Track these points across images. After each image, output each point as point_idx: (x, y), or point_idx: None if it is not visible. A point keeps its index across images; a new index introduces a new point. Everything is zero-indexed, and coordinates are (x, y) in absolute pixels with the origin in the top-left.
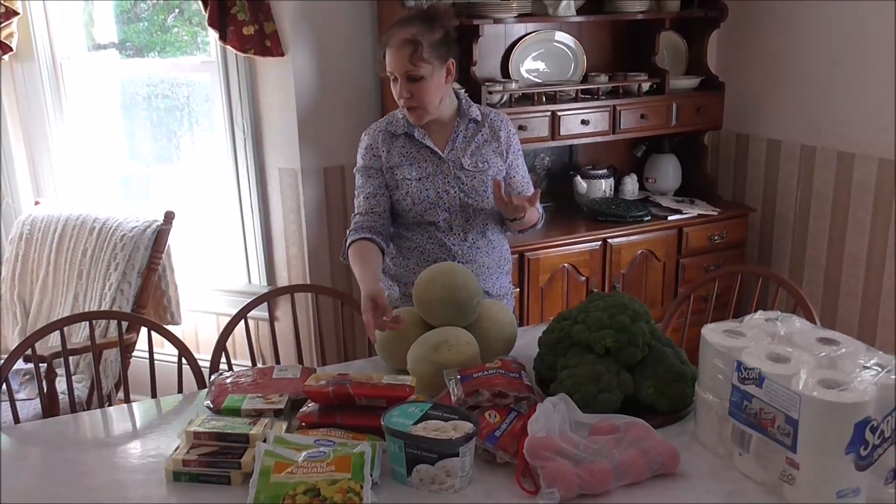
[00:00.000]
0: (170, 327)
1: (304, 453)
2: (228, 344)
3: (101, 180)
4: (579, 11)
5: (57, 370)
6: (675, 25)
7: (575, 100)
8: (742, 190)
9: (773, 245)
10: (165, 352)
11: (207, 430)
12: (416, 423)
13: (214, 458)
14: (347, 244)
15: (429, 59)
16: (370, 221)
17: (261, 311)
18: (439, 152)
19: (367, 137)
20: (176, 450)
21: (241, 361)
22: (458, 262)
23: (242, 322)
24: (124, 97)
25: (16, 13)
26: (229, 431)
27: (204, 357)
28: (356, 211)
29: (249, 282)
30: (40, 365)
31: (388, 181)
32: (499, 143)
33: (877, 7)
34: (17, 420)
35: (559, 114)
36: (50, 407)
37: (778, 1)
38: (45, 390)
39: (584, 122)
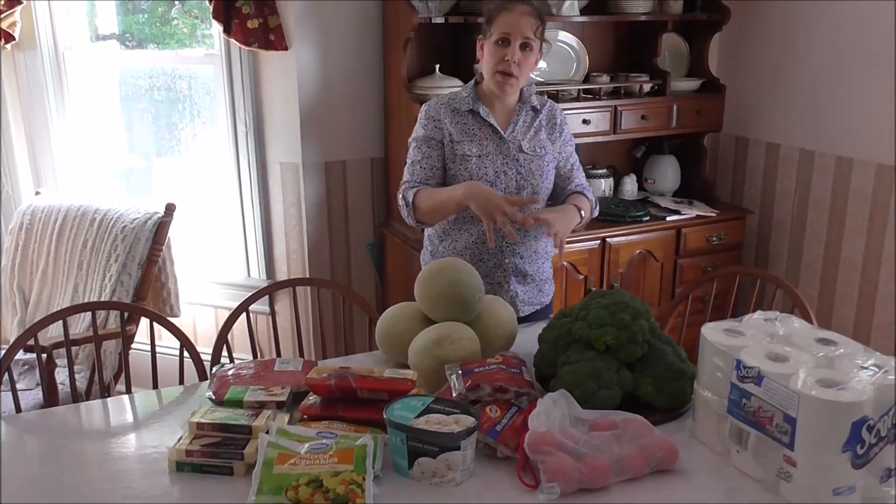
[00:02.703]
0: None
1: (306, 445)
2: (227, 337)
3: (102, 172)
4: (582, 11)
5: (56, 360)
6: (678, 27)
7: (576, 99)
8: (740, 193)
9: (769, 248)
10: (164, 344)
11: (210, 421)
12: (418, 416)
13: (217, 449)
14: (412, 198)
15: (541, 37)
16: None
17: (260, 305)
18: (501, 132)
19: (428, 109)
20: (179, 440)
21: (241, 355)
22: (508, 243)
23: (242, 316)
24: (126, 89)
25: (19, 2)
26: (232, 423)
27: (202, 349)
28: (409, 179)
29: (249, 275)
30: (41, 355)
31: (447, 154)
32: (552, 131)
33: (878, 13)
34: (18, 409)
35: None
36: (49, 398)
37: (779, 5)
38: (45, 380)
39: (585, 121)
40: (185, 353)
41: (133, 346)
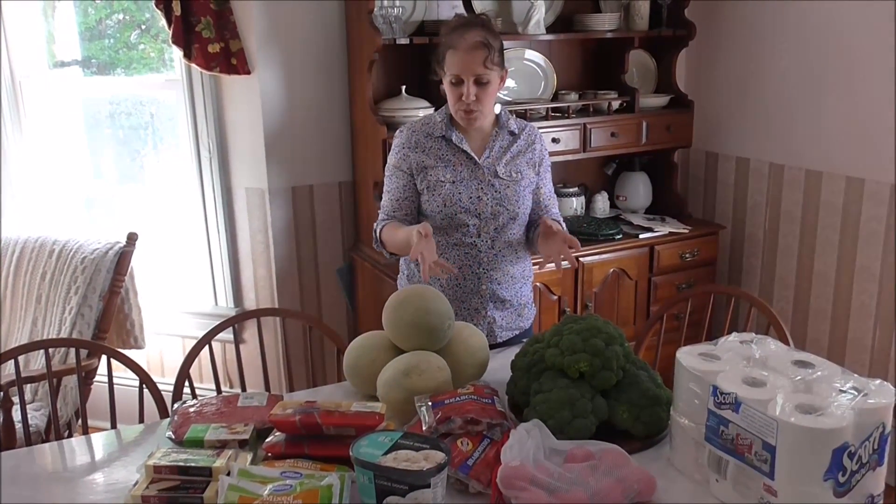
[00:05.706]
0: (134, 352)
1: (269, 486)
2: (195, 368)
3: (64, 201)
4: (549, 30)
5: (13, 398)
6: (645, 44)
7: (545, 118)
8: (712, 208)
9: (743, 263)
10: (129, 375)
11: (168, 464)
12: (385, 453)
13: (175, 494)
14: (379, 231)
15: (495, 64)
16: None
17: (228, 334)
18: (475, 157)
19: (401, 135)
20: (135, 485)
21: (209, 385)
22: (484, 268)
23: (211, 346)
24: (87, 116)
25: None
26: (191, 465)
27: (169, 381)
28: (382, 210)
29: (216, 304)
30: None
31: (418, 182)
32: (532, 155)
33: (844, 27)
34: None
35: None
36: (6, 438)
37: (745, 20)
38: (1, 420)
39: (554, 140)
40: (146, 389)
41: (97, 379)
